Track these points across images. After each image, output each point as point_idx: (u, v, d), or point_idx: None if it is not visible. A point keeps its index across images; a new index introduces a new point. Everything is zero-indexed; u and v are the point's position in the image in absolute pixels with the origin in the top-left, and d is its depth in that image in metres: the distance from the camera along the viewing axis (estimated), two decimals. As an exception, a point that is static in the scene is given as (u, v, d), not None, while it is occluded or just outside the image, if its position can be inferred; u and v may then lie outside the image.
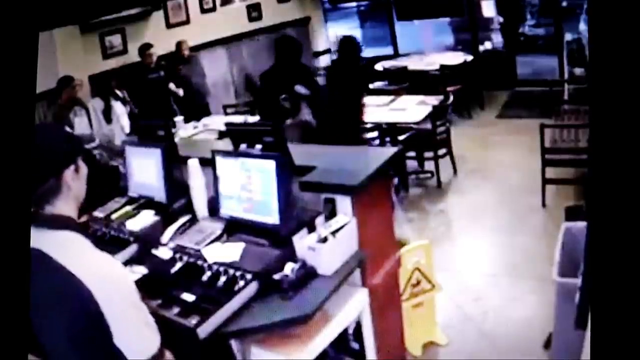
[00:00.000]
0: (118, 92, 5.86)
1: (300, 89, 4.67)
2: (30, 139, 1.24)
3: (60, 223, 1.46)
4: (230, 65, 7.99)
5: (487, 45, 8.98)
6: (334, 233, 2.17)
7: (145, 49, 6.38)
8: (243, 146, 2.57)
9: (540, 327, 3.05)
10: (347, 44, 4.52)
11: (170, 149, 2.83)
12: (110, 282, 1.39)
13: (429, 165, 5.66)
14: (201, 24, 7.48)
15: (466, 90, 7.18)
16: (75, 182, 1.50)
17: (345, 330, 2.29)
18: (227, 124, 3.01)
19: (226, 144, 2.80)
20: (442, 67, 7.16)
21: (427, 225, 4.77)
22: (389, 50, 9.14)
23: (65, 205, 1.49)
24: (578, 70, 6.75)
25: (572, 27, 7.81)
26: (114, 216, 2.68)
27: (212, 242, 2.28)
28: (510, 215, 4.76)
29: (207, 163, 2.53)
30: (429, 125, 5.38)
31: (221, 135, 4.79)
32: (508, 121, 7.13)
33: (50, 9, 3.91)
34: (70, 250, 1.42)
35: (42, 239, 1.41)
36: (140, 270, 2.17)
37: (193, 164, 2.60)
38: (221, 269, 2.06)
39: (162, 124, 3.17)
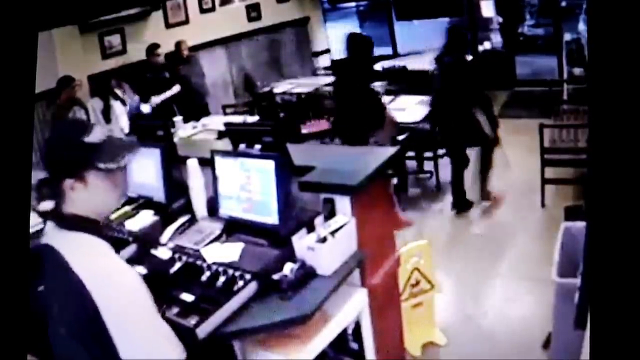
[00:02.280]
0: (117, 91, 5.86)
1: (377, 85, 4.90)
2: (30, 139, 1.24)
3: (77, 224, 1.47)
4: (230, 65, 8.00)
5: (487, 45, 8.98)
6: (333, 233, 2.17)
7: (153, 48, 6.38)
8: (242, 146, 2.57)
9: (540, 327, 3.05)
10: (458, 36, 4.89)
11: (170, 149, 2.82)
12: (117, 291, 1.38)
13: (428, 166, 5.67)
14: (200, 24, 7.48)
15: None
16: (76, 193, 1.47)
17: (345, 331, 2.29)
18: (226, 124, 3.02)
19: (225, 144, 2.80)
20: (442, 66, 7.15)
21: (426, 225, 4.76)
22: (388, 51, 9.15)
23: (75, 208, 1.48)
24: (577, 70, 6.76)
25: (571, 27, 7.82)
26: (113, 216, 2.67)
27: (211, 242, 2.28)
28: (509, 215, 4.76)
29: (207, 163, 2.53)
30: (428, 125, 5.38)
31: (220, 135, 4.79)
32: (507, 121, 7.07)
33: (49, 9, 3.91)
34: (82, 254, 1.42)
35: (59, 237, 1.43)
36: (139, 271, 2.16)
37: (192, 164, 2.59)
38: (220, 269, 2.06)
39: (161, 124, 3.17)
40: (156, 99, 6.17)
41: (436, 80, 5.06)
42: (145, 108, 6.04)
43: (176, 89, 6.42)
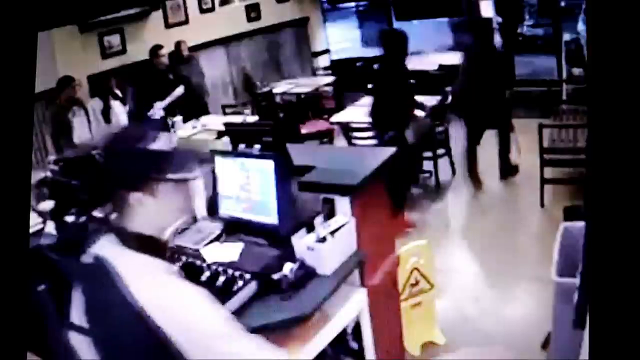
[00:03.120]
0: (117, 91, 5.85)
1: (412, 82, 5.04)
2: (30, 139, 1.24)
3: (140, 244, 1.32)
4: (229, 66, 7.99)
5: (486, 45, 8.96)
6: (332, 233, 2.17)
7: (156, 50, 6.37)
8: (242, 146, 2.57)
9: (539, 327, 3.05)
10: (482, 26, 5.51)
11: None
12: (175, 321, 1.22)
13: (428, 165, 5.67)
14: (200, 24, 7.48)
15: (465, 90, 7.17)
16: (142, 207, 1.32)
17: (344, 330, 2.29)
18: (225, 124, 3.02)
19: (225, 144, 2.80)
20: (441, 67, 7.15)
21: (425, 225, 4.77)
22: (388, 51, 9.13)
23: (138, 223, 1.34)
24: (576, 70, 6.76)
25: (570, 27, 7.81)
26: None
27: (211, 242, 2.28)
28: (508, 215, 4.77)
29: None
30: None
31: (220, 135, 4.80)
32: (507, 121, 7.13)
33: (49, 8, 3.91)
34: (144, 277, 1.27)
35: (119, 255, 1.29)
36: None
37: (192, 164, 2.59)
38: (220, 269, 2.06)
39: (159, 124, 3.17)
40: (160, 104, 6.16)
41: (464, 68, 5.31)
42: (156, 114, 6.04)
43: (180, 91, 6.40)
